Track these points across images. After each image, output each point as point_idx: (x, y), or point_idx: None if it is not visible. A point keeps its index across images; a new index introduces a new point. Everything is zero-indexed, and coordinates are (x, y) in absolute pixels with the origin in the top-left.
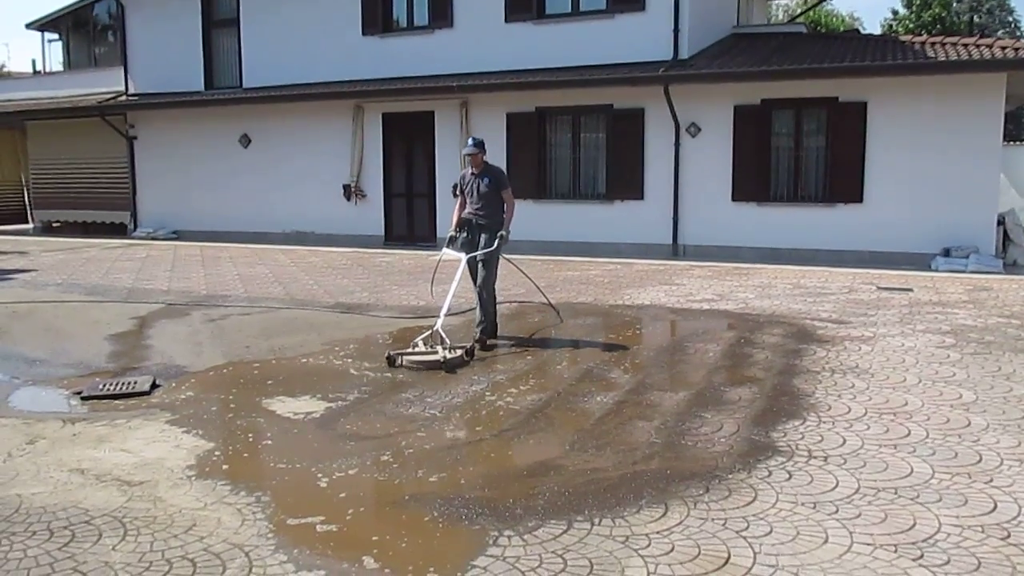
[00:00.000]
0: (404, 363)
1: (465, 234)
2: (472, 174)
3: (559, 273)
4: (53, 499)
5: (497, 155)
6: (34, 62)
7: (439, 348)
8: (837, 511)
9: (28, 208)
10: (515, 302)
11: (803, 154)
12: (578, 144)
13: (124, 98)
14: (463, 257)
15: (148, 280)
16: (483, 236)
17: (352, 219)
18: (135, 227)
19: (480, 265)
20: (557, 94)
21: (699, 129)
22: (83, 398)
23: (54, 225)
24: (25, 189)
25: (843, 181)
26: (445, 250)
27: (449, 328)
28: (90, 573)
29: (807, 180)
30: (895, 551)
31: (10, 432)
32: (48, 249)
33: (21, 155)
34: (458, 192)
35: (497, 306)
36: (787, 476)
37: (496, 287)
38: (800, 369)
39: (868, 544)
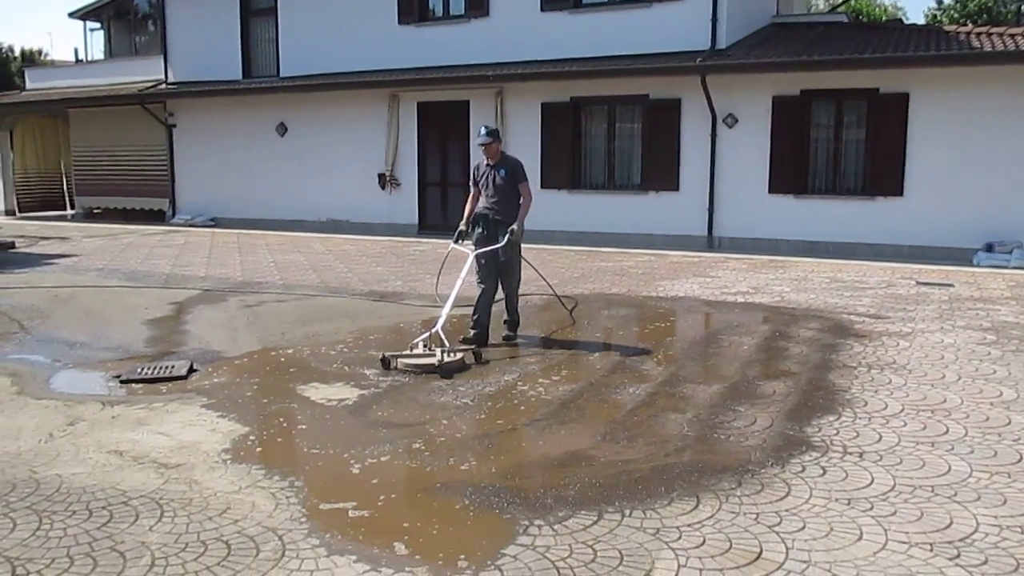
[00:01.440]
0: (399, 366)
1: (480, 230)
2: (488, 164)
3: (592, 264)
4: (92, 480)
5: (532, 145)
6: (76, 51)
7: (437, 351)
8: (872, 508)
9: (68, 195)
10: (545, 295)
11: (842, 146)
12: (613, 134)
13: (164, 86)
14: (470, 253)
15: (186, 266)
16: (499, 232)
17: (386, 208)
18: (173, 214)
19: (502, 266)
20: (593, 84)
21: (736, 120)
22: (122, 381)
23: (95, 211)
24: (65, 176)
25: (883, 174)
26: (452, 245)
27: (457, 326)
28: (127, 553)
29: (846, 172)
30: (931, 550)
31: (51, 413)
32: (89, 235)
33: (63, 143)
34: (472, 183)
35: (484, 326)
36: (821, 472)
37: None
38: (836, 364)
39: (903, 542)
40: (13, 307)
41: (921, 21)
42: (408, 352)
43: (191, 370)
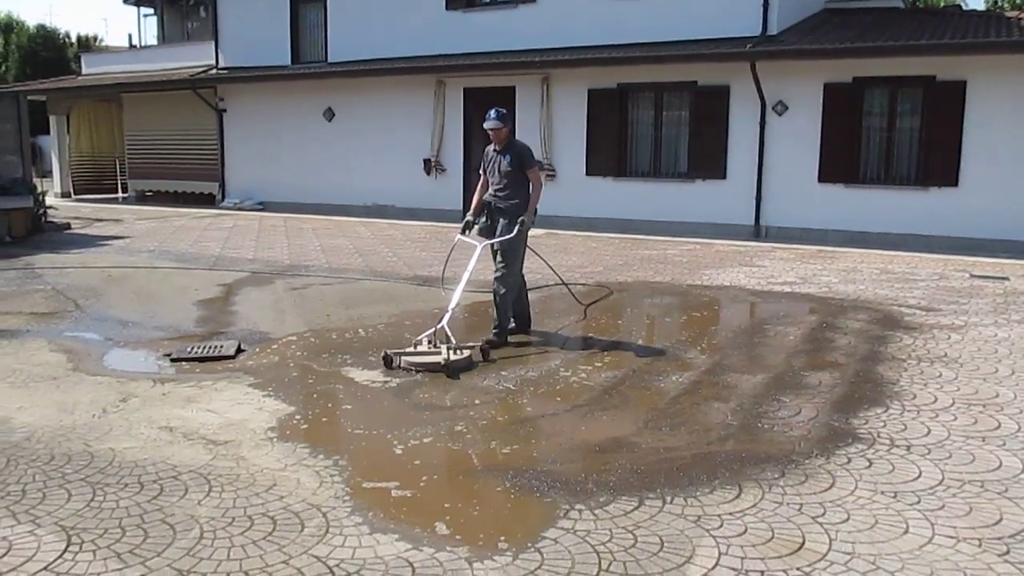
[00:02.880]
0: (402, 364)
1: (484, 219)
2: (495, 150)
3: (636, 252)
4: (143, 454)
5: (577, 132)
6: (130, 36)
7: (443, 348)
8: (919, 502)
9: (121, 178)
10: (578, 284)
11: (895, 135)
12: (660, 121)
13: (214, 71)
14: (478, 245)
15: (234, 249)
16: (502, 222)
17: (432, 193)
18: (223, 197)
19: (498, 256)
20: (640, 70)
21: (786, 107)
22: (172, 360)
23: (147, 194)
24: (117, 160)
25: (938, 163)
26: (458, 237)
27: (467, 322)
28: (177, 525)
29: (899, 162)
30: (979, 545)
31: (105, 389)
32: (141, 217)
33: (117, 127)
34: (481, 170)
35: (529, 310)
36: (867, 464)
37: (524, 273)
38: (885, 356)
39: (951, 537)
40: (69, 286)
41: (981, 7)
42: (412, 349)
43: (239, 350)
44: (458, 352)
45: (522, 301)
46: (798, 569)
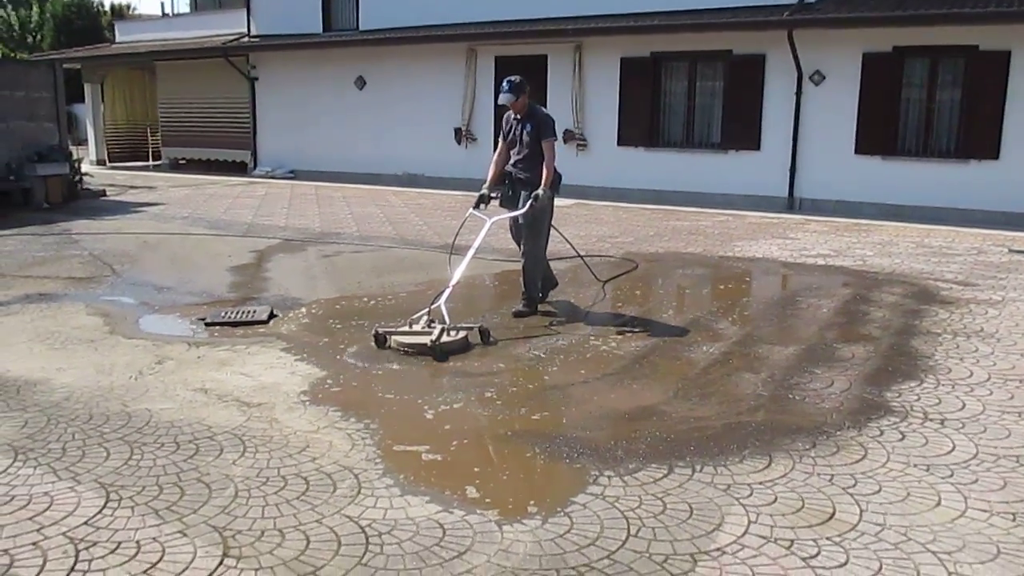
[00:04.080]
0: (391, 344)
1: (507, 190)
2: (515, 119)
3: (668, 223)
4: (179, 415)
5: (609, 101)
6: (163, 4)
7: (436, 329)
8: (952, 475)
9: (154, 146)
10: (605, 256)
11: (935, 106)
12: (694, 91)
13: (246, 39)
14: (488, 220)
15: (266, 216)
16: (523, 194)
17: (462, 163)
18: (255, 166)
19: (524, 230)
20: (674, 38)
21: (823, 77)
22: (206, 324)
23: (180, 162)
24: (150, 128)
25: (978, 135)
26: (471, 211)
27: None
28: (212, 484)
29: (938, 134)
30: (1013, 520)
31: (141, 352)
32: (174, 185)
33: (150, 95)
34: (501, 138)
35: (552, 272)
36: (900, 436)
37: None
38: (920, 330)
39: (984, 511)
40: (105, 252)
41: None
42: (406, 329)
43: (271, 315)
44: (452, 333)
45: (546, 273)
46: (828, 539)
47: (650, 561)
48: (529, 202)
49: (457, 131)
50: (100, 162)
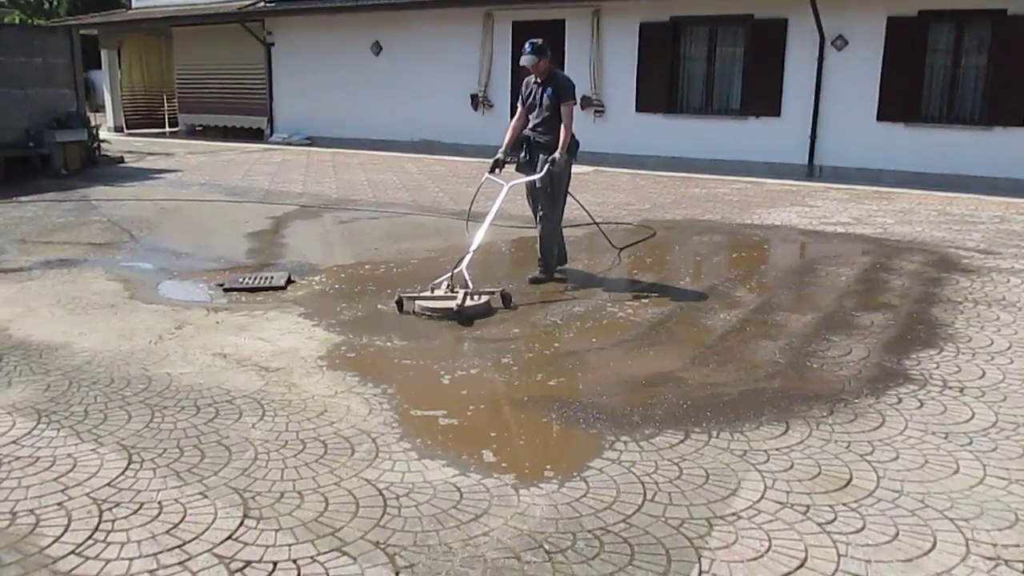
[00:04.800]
0: (416, 309)
1: (524, 154)
2: (536, 83)
3: (686, 190)
4: (199, 379)
5: (628, 67)
6: None
7: (459, 292)
8: (971, 443)
9: (170, 113)
10: (623, 223)
11: (960, 72)
12: (713, 56)
13: (262, 4)
14: (505, 185)
15: (283, 183)
16: (541, 157)
17: (478, 129)
18: (271, 132)
19: (541, 195)
20: (694, 3)
21: (846, 42)
22: (225, 290)
23: (197, 128)
24: (166, 94)
25: (1004, 102)
26: (486, 175)
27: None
28: (232, 447)
29: (963, 100)
30: None
31: (160, 317)
32: (192, 151)
33: (167, 61)
34: (520, 103)
35: (564, 235)
36: (918, 404)
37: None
38: (940, 298)
39: (1003, 479)
40: (123, 218)
41: None
42: (428, 294)
43: (289, 281)
44: (475, 298)
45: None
46: (844, 505)
47: (666, 525)
48: (546, 166)
49: (473, 97)
50: (117, 129)
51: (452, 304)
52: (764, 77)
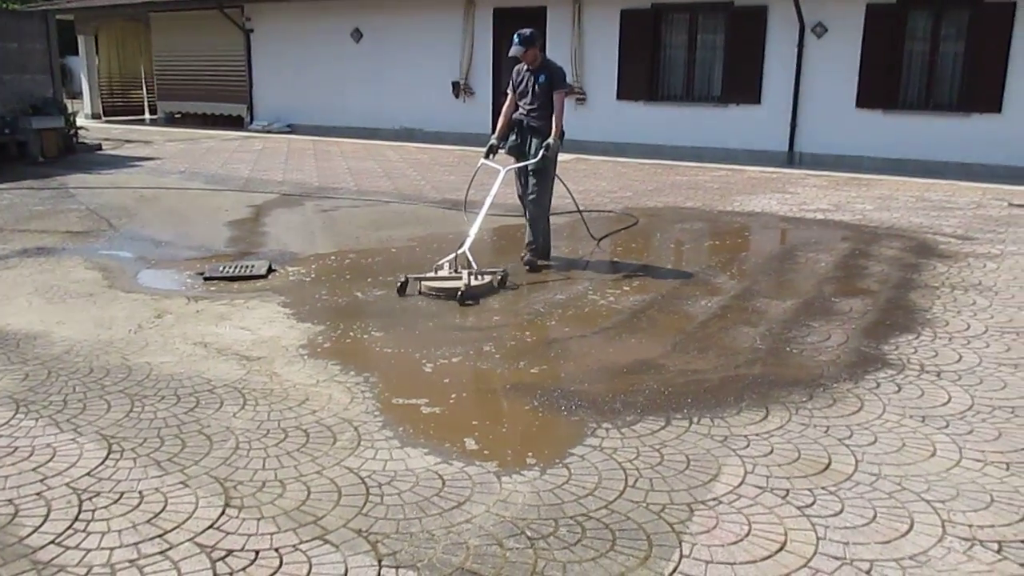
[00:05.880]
0: (421, 289)
1: (515, 138)
2: (527, 70)
3: (667, 178)
4: (179, 368)
5: (609, 54)
6: None
7: (464, 273)
8: (947, 426)
9: (149, 100)
10: (605, 211)
11: (938, 59)
12: (694, 44)
13: None
14: (502, 169)
15: (264, 171)
16: (534, 142)
17: (460, 117)
18: (251, 120)
19: (530, 176)
20: None
21: (825, 29)
22: (205, 278)
23: (176, 116)
24: (145, 81)
25: (981, 89)
26: (482, 160)
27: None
28: (213, 436)
29: (940, 87)
30: (1007, 469)
31: (140, 306)
32: (171, 139)
33: (145, 48)
34: (511, 89)
35: (551, 224)
36: (896, 389)
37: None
38: (918, 283)
39: (978, 460)
40: (102, 206)
41: None
42: (432, 275)
43: (270, 270)
44: (479, 278)
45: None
46: (824, 488)
47: (647, 511)
48: (541, 151)
49: (455, 85)
50: (95, 116)
51: (459, 284)
52: (744, 64)
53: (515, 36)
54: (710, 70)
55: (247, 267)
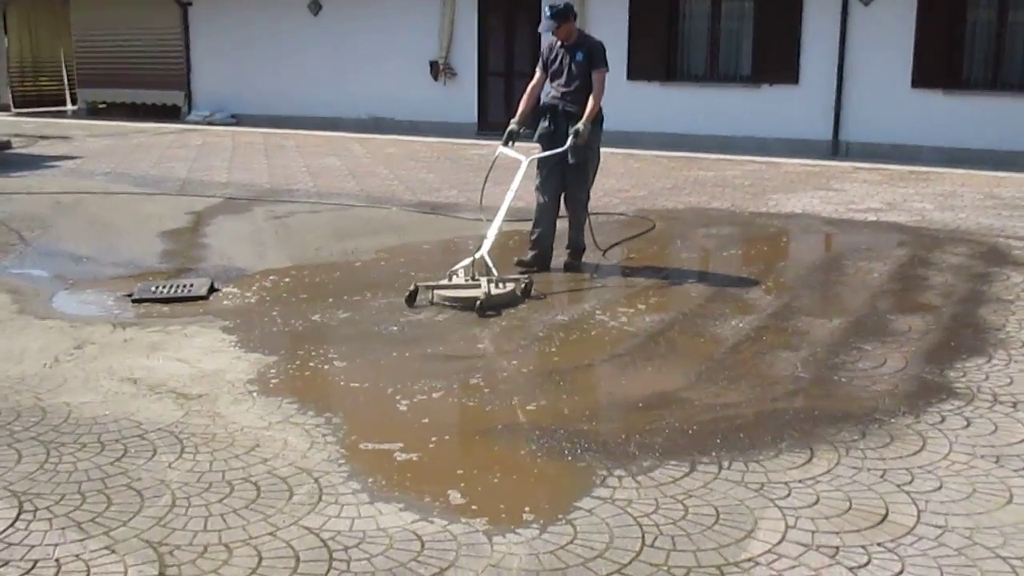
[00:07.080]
0: (434, 299)
1: (547, 124)
2: (562, 46)
3: (689, 173)
4: (104, 409)
5: (618, 27)
6: None
7: (483, 281)
8: None
9: (68, 88)
10: (615, 214)
11: (1007, 29)
12: (719, 13)
13: None
14: (524, 160)
15: (205, 171)
16: (571, 128)
17: (440, 103)
18: (189, 110)
19: (569, 174)
20: None
21: None
22: (134, 301)
23: (100, 106)
24: (64, 67)
25: None
26: (500, 149)
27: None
28: (144, 491)
29: (1011, 63)
30: None
31: (56, 335)
32: (94, 134)
33: (63, 27)
34: (541, 67)
35: (591, 220)
36: (964, 423)
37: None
38: (988, 297)
39: None
40: (11, 215)
41: None
42: (447, 282)
43: (212, 289)
44: (500, 286)
45: (551, 232)
46: (880, 545)
47: (669, 575)
48: (569, 139)
49: (433, 65)
50: (3, 108)
51: (478, 293)
52: (778, 38)
53: (547, 9)
54: (738, 44)
55: (184, 287)
